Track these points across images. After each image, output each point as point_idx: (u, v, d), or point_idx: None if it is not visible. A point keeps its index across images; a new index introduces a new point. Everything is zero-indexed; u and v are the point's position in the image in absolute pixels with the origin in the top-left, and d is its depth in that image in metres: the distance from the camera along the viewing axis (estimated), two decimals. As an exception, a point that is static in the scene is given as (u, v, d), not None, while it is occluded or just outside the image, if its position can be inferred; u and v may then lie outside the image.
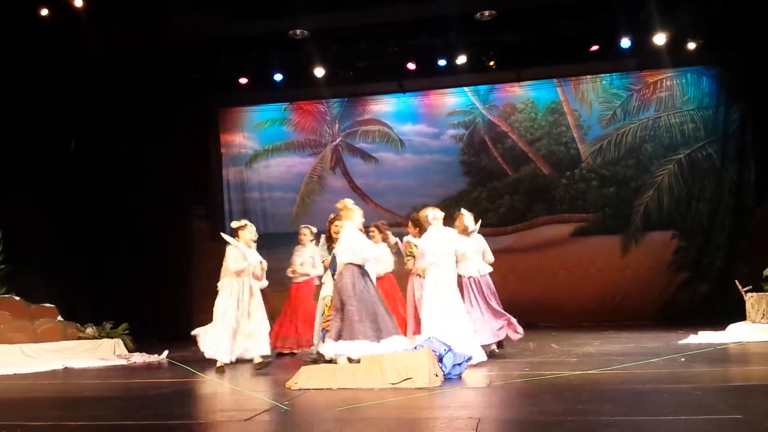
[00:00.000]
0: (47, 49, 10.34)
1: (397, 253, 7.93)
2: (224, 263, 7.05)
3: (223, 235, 7.31)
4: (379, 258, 6.99)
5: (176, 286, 12.33)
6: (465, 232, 7.32)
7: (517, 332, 7.33)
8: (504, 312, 7.32)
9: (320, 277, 7.97)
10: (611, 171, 12.47)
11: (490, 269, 7.48)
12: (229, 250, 7.05)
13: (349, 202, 6.55)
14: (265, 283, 7.24)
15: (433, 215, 6.81)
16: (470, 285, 7.30)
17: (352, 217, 6.44)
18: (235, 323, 6.82)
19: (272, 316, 7.72)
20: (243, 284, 6.97)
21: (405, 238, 7.81)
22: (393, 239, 7.95)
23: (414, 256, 7.43)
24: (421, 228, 7.15)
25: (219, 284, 7.03)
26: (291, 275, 8.84)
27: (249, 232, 7.19)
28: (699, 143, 12.18)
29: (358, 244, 6.26)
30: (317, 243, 8.11)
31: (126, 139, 12.17)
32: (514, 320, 7.32)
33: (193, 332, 7.07)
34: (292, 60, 11.49)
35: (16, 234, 9.80)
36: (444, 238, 6.74)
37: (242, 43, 11.16)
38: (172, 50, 11.08)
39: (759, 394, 4.57)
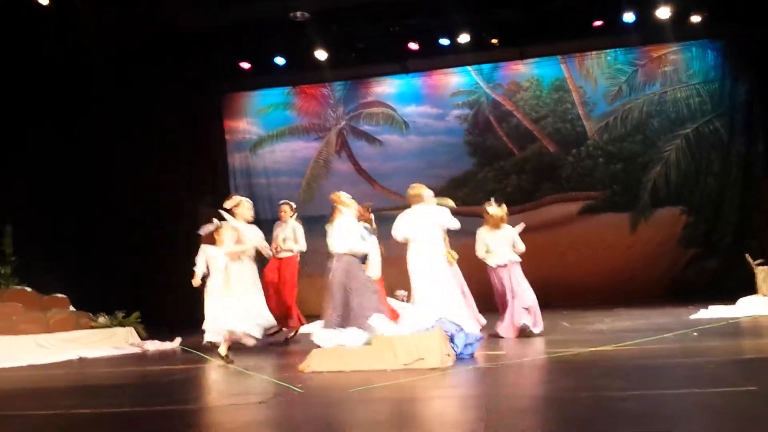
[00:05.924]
0: (44, 42, 10.24)
1: None
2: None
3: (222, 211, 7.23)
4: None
5: (186, 273, 12.32)
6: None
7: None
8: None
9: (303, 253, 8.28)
10: (618, 147, 12.38)
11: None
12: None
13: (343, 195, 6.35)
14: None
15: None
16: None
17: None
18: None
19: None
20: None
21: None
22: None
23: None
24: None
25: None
26: (274, 252, 8.47)
27: (246, 209, 7.07)
28: (706, 117, 12.08)
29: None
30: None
31: (131, 128, 12.13)
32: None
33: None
34: (294, 43, 11.41)
35: (26, 226, 9.82)
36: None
37: (243, 27, 11.08)
38: (173, 36, 11.00)
39: (772, 367, 4.56)
